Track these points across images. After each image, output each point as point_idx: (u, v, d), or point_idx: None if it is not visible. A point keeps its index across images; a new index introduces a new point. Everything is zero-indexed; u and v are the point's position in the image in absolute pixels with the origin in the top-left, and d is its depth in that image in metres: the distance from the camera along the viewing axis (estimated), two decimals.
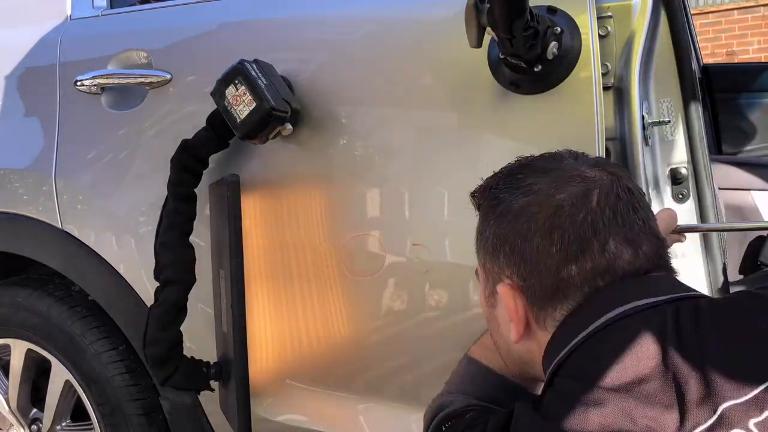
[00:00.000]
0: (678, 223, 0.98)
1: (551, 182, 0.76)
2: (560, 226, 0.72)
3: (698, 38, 2.66)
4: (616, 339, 0.67)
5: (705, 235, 1.18)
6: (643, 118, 1.05)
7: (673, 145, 1.20)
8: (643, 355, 0.65)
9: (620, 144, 1.05)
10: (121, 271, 1.41)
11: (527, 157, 0.84)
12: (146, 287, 1.37)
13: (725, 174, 1.55)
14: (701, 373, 0.62)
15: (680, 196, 1.18)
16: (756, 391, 0.59)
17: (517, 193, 0.77)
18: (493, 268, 0.79)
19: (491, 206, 0.80)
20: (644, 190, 1.04)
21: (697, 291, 0.74)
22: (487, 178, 0.85)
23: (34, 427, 1.68)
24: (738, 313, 0.68)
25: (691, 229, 1.09)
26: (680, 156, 1.20)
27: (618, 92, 1.05)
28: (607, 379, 0.64)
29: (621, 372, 0.64)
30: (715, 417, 0.59)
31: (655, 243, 0.75)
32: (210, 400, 1.39)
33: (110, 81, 1.41)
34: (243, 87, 1.12)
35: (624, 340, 0.67)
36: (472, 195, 0.86)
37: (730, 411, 0.59)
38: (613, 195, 0.74)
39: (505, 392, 0.90)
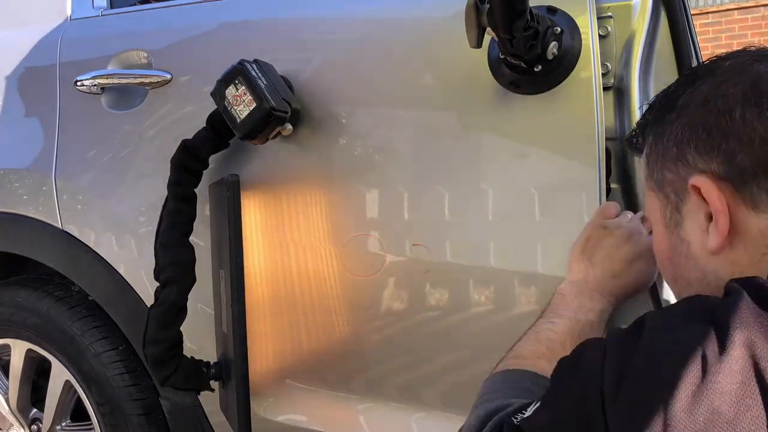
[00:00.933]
0: None
1: (739, 60, 0.67)
2: (766, 93, 0.63)
3: (698, 38, 2.66)
4: None
5: None
6: None
7: None
8: None
9: (620, 144, 1.05)
10: (121, 271, 1.41)
11: None
12: (146, 287, 1.37)
13: None
14: None
15: None
16: None
17: (699, 82, 0.68)
18: (679, 173, 0.69)
19: (666, 107, 0.71)
20: (644, 190, 1.05)
21: None
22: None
23: (34, 427, 1.68)
24: None
25: None
26: None
27: (618, 92, 1.05)
28: None
29: None
30: None
31: None
32: (210, 400, 1.39)
33: (110, 81, 1.41)
34: (243, 87, 1.12)
35: None
36: (631, 135, 0.77)
37: None
38: None
39: None
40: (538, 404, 0.63)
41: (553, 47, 0.96)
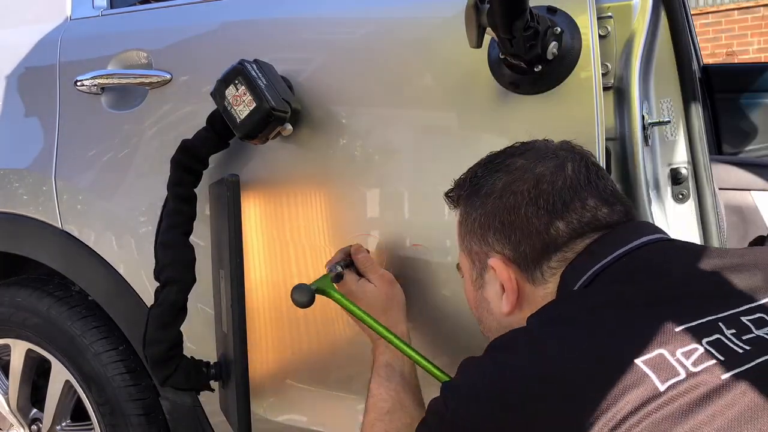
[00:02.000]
0: (678, 223, 0.99)
1: (529, 160, 0.85)
2: (544, 192, 0.81)
3: (698, 38, 2.66)
4: (648, 260, 0.76)
5: (705, 233, 1.18)
6: (643, 118, 1.05)
7: (673, 146, 1.20)
8: (666, 274, 0.74)
9: (620, 144, 1.05)
10: (121, 271, 1.41)
11: (496, 151, 0.91)
12: (146, 287, 1.37)
13: (725, 174, 1.55)
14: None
15: (680, 197, 1.18)
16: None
17: (499, 174, 0.85)
18: (482, 249, 0.86)
19: (474, 191, 0.87)
20: (644, 190, 1.05)
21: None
22: (459, 177, 0.92)
23: (34, 427, 1.68)
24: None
25: None
26: (680, 156, 1.20)
27: (618, 92, 1.05)
28: (593, 301, 0.73)
29: (610, 295, 0.73)
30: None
31: (626, 203, 0.85)
32: (210, 400, 1.39)
33: (110, 81, 1.41)
34: (243, 87, 1.12)
35: (655, 262, 0.76)
36: (447, 195, 0.93)
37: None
38: (584, 166, 0.84)
39: None
40: None
41: (553, 47, 0.96)
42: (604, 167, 0.99)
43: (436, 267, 1.13)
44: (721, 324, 0.66)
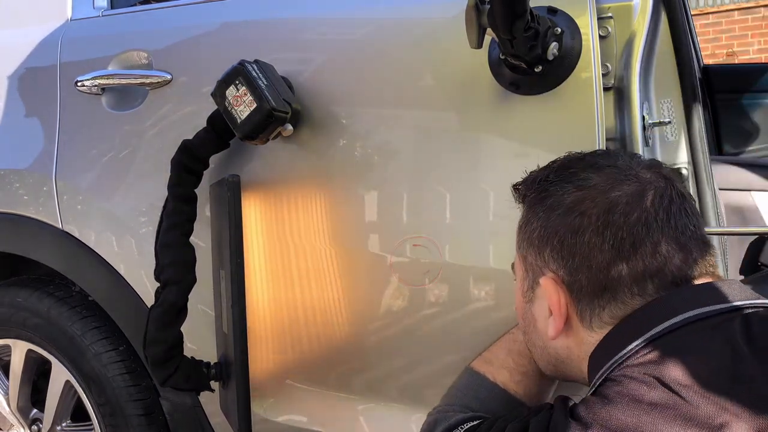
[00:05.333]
0: None
1: (606, 179, 0.75)
2: (614, 224, 0.72)
3: (698, 39, 2.66)
4: (682, 344, 0.66)
5: None
6: (643, 118, 1.05)
7: (673, 146, 1.20)
8: (711, 362, 0.63)
9: (621, 144, 1.05)
10: (122, 271, 1.41)
11: (578, 152, 0.83)
12: (146, 287, 1.37)
13: (725, 174, 1.54)
14: None
15: None
16: None
17: (570, 186, 0.76)
18: (536, 262, 0.79)
19: (540, 198, 0.79)
20: None
21: (762, 298, 0.72)
22: (533, 171, 0.83)
23: (34, 427, 1.67)
24: None
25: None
26: (681, 156, 1.20)
27: (618, 93, 1.05)
28: (673, 382, 0.62)
29: (686, 377, 0.62)
30: None
31: (704, 249, 0.74)
32: (210, 401, 1.38)
33: (111, 81, 1.41)
34: (243, 87, 1.12)
35: (690, 347, 0.65)
36: (515, 187, 0.85)
37: None
38: (667, 198, 0.74)
39: (507, 408, 0.89)
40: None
41: (553, 48, 0.96)
42: None
43: (435, 267, 1.13)
44: None
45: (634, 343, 0.68)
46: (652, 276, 0.71)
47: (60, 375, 1.54)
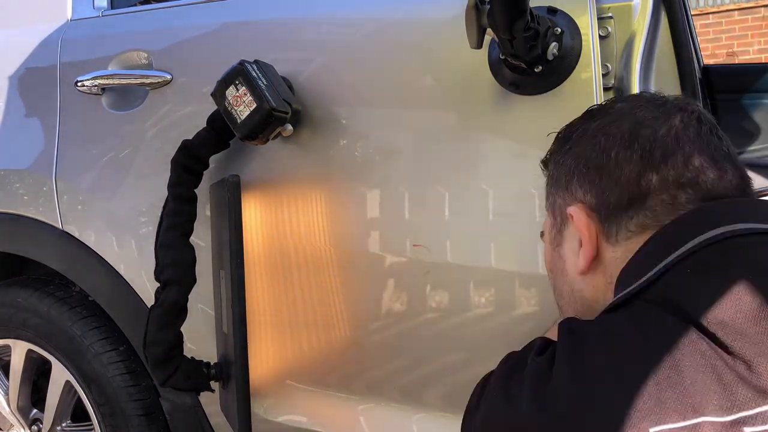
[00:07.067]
0: None
1: (631, 104, 0.73)
2: (642, 136, 0.68)
3: (699, 39, 2.66)
4: (720, 268, 0.58)
5: None
6: None
7: None
8: (751, 294, 0.54)
9: None
10: (122, 271, 1.41)
11: None
12: (146, 288, 1.37)
13: None
14: None
15: None
16: None
17: (594, 119, 0.74)
18: (565, 200, 0.76)
19: (565, 139, 0.77)
20: None
21: None
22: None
23: (34, 427, 1.67)
24: None
25: None
26: None
27: (618, 93, 1.05)
28: (705, 316, 0.54)
29: (723, 312, 0.54)
30: None
31: (740, 174, 0.69)
32: (210, 401, 1.39)
33: (111, 81, 1.42)
34: (243, 88, 1.12)
35: (729, 271, 0.57)
36: (543, 162, 0.84)
37: None
38: (695, 118, 0.70)
39: None
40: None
41: (553, 48, 0.96)
42: None
43: (436, 267, 1.12)
44: None
45: (659, 266, 0.61)
46: (684, 186, 0.66)
47: (60, 375, 1.54)
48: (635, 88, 1.03)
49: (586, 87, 1.00)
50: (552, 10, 1.02)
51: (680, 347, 0.53)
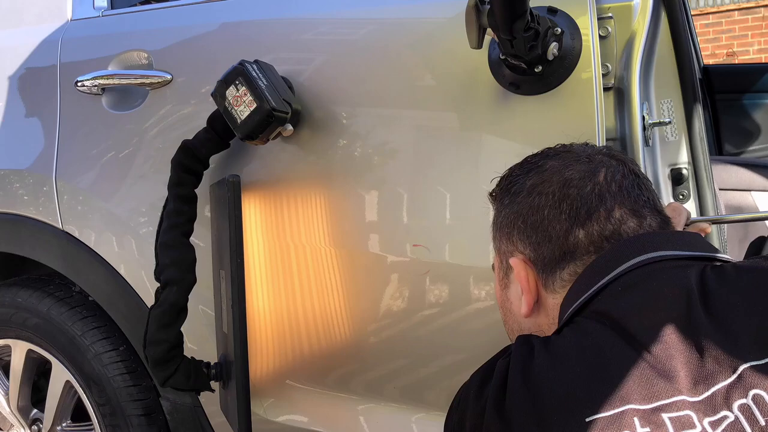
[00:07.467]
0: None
1: (561, 161, 0.81)
2: (569, 196, 0.77)
3: (699, 39, 2.66)
4: (642, 285, 0.69)
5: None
6: (643, 118, 1.05)
7: (673, 146, 1.20)
8: (668, 305, 0.66)
9: (621, 145, 1.05)
10: (122, 271, 1.41)
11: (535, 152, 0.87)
12: (147, 287, 1.37)
13: (725, 174, 1.55)
14: (723, 331, 0.62)
15: (681, 197, 1.18)
16: None
17: (530, 174, 0.82)
18: (507, 248, 0.84)
19: (506, 190, 0.85)
20: None
21: (720, 252, 0.76)
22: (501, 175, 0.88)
23: (34, 427, 1.68)
24: (763, 275, 0.68)
25: (702, 221, 1.08)
26: (681, 157, 1.20)
27: (618, 93, 1.05)
28: (630, 324, 0.65)
29: (644, 319, 0.65)
30: (734, 377, 0.60)
31: (660, 219, 0.78)
32: (210, 401, 1.39)
33: (111, 81, 1.42)
34: (243, 88, 1.12)
35: (649, 287, 0.68)
36: (491, 194, 0.90)
37: (751, 372, 0.59)
38: (619, 173, 0.78)
39: None
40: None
41: (553, 48, 0.96)
42: None
43: (435, 267, 1.13)
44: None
45: (592, 289, 0.72)
46: (608, 237, 0.75)
47: (60, 375, 1.54)
48: (635, 88, 1.03)
49: (586, 87, 1.00)
50: (552, 10, 1.02)
51: (610, 349, 0.64)
